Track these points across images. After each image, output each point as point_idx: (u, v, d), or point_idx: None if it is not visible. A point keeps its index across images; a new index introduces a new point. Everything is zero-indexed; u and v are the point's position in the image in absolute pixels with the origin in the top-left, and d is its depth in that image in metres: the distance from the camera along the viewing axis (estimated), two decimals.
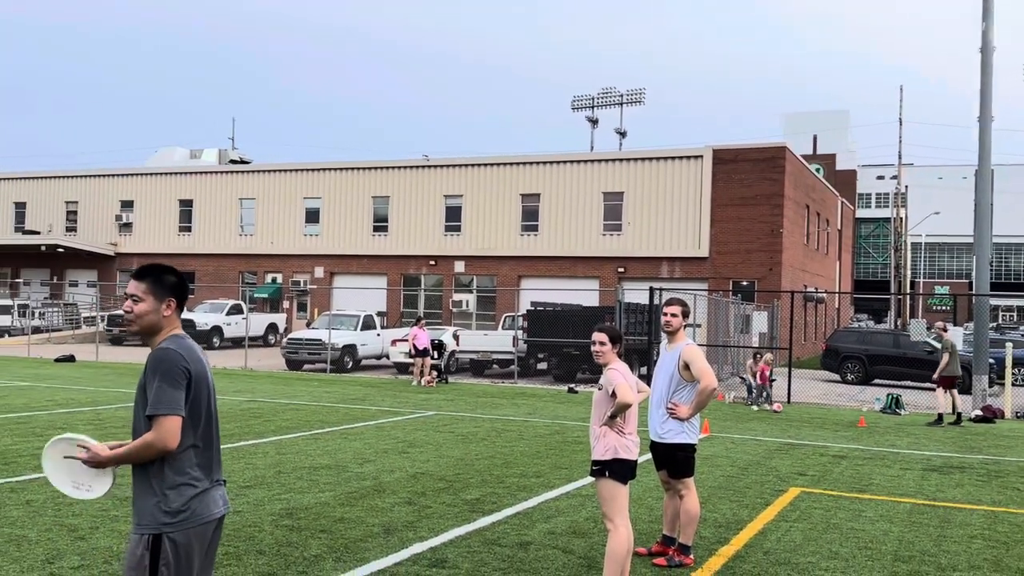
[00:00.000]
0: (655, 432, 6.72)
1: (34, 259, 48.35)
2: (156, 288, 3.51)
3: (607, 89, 58.24)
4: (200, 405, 3.45)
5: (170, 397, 3.33)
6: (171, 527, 3.33)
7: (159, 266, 3.59)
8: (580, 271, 37.88)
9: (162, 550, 3.32)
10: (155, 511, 3.34)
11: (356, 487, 9.09)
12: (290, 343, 27.08)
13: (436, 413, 16.13)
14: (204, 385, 3.48)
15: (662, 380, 6.68)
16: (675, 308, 6.65)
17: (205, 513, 3.41)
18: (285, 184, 43.55)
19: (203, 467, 3.45)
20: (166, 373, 3.35)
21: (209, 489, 3.45)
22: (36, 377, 21.51)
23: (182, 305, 3.59)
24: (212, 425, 3.51)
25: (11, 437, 11.71)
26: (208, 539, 3.46)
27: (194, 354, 3.48)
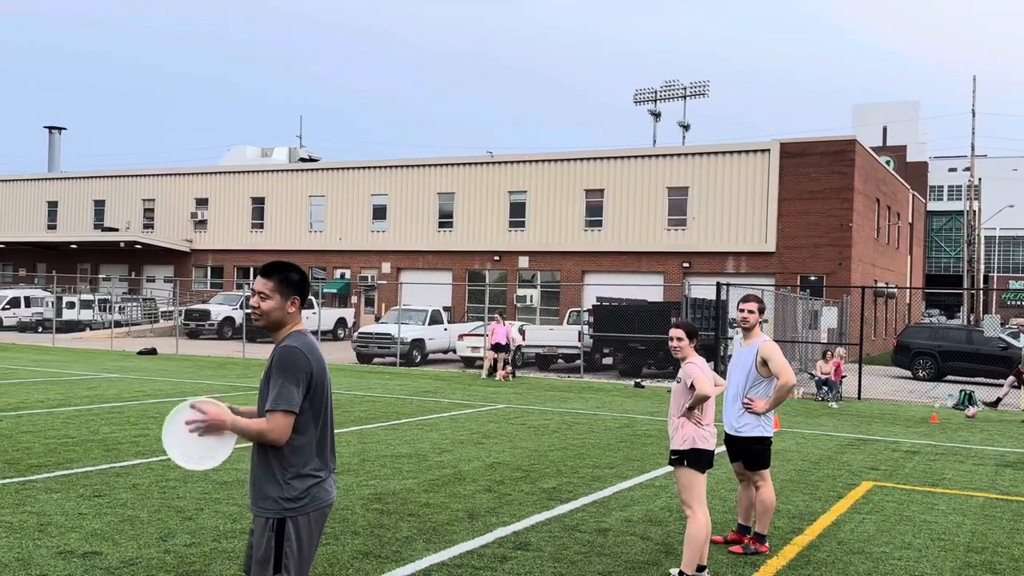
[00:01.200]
0: (731, 426, 6.90)
1: (113, 255, 50.15)
2: (282, 286, 3.74)
3: (670, 82, 57.89)
4: (321, 401, 3.68)
5: (289, 395, 3.55)
6: (294, 512, 3.60)
7: (285, 264, 3.81)
8: (644, 266, 37.93)
9: (286, 533, 3.59)
10: (278, 497, 3.60)
11: (437, 475, 9.49)
12: (361, 337, 27.77)
13: (507, 406, 16.51)
14: (324, 382, 3.70)
15: (739, 375, 6.85)
16: (751, 304, 6.83)
17: (324, 498, 3.68)
18: (353, 181, 44.44)
19: (321, 457, 3.70)
20: (289, 371, 3.58)
21: (327, 478, 3.71)
22: (122, 369, 22.48)
23: (304, 302, 3.84)
24: (329, 419, 3.75)
25: (109, 426, 12.40)
26: (324, 521, 3.75)
27: (316, 352, 3.70)
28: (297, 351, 3.65)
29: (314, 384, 3.66)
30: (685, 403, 5.94)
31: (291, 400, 3.57)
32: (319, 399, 3.69)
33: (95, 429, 12.00)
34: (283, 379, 3.58)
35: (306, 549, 3.66)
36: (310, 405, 3.65)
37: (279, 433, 3.57)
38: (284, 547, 3.60)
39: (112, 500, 7.89)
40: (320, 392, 3.69)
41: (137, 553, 6.31)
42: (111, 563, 6.06)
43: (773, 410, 6.96)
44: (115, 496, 8.05)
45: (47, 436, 11.26)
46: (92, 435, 11.47)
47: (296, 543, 3.63)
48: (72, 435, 11.41)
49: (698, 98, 57.47)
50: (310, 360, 3.65)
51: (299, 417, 3.62)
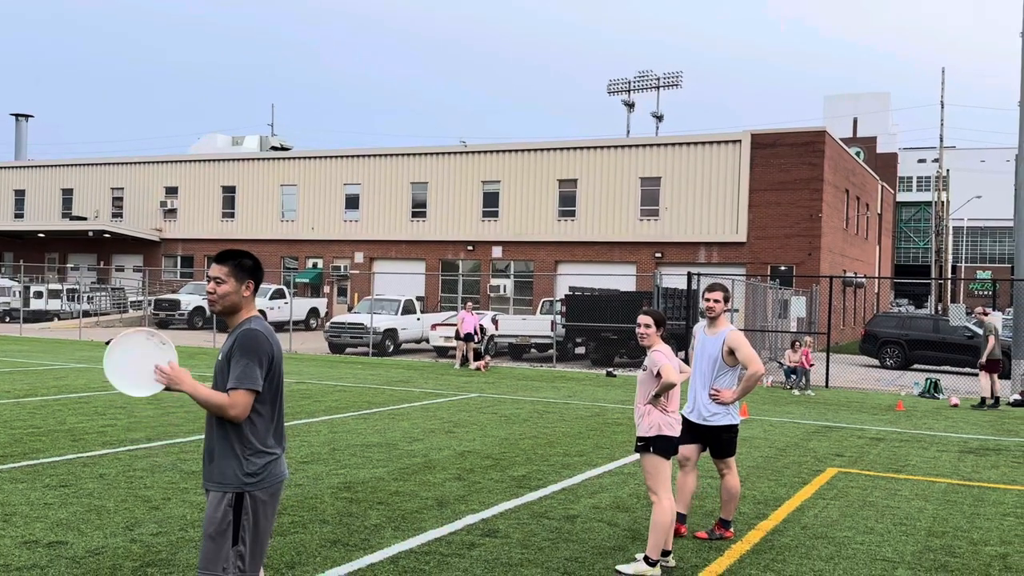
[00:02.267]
0: (699, 415, 6.84)
1: (82, 244, 49.55)
2: (237, 271, 3.91)
3: (644, 72, 58.02)
4: (277, 383, 3.89)
5: (253, 374, 3.73)
6: (252, 486, 3.78)
7: (238, 251, 3.98)
8: (617, 256, 38.08)
9: (244, 506, 3.77)
10: (237, 472, 3.77)
11: (408, 463, 9.51)
12: (333, 327, 27.67)
13: (478, 395, 16.54)
14: (280, 366, 3.92)
15: (705, 364, 6.82)
16: (717, 294, 6.81)
17: (279, 474, 3.88)
18: (325, 170, 44.18)
19: (276, 436, 3.90)
20: (252, 352, 3.76)
21: (280, 456, 3.91)
22: (91, 359, 22.25)
23: (258, 287, 4.00)
24: (282, 401, 3.96)
25: (76, 416, 12.29)
26: (278, 498, 3.92)
27: (274, 337, 3.91)
28: (260, 334, 3.82)
29: (273, 367, 3.85)
30: (652, 391, 6.00)
31: (254, 380, 3.75)
32: (276, 381, 3.88)
33: (62, 419, 11.89)
34: (247, 360, 3.74)
35: (262, 523, 3.83)
36: (268, 386, 3.84)
37: (240, 410, 3.73)
38: (242, 520, 3.77)
39: (78, 490, 7.83)
40: (277, 375, 3.89)
41: (103, 542, 6.28)
42: (76, 552, 6.03)
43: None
44: (81, 486, 7.99)
45: (13, 427, 11.14)
46: (59, 425, 11.37)
47: (253, 517, 3.79)
48: (39, 425, 11.30)
49: (672, 89, 57.65)
50: (271, 343, 3.85)
51: (259, 397, 3.81)
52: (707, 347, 6.85)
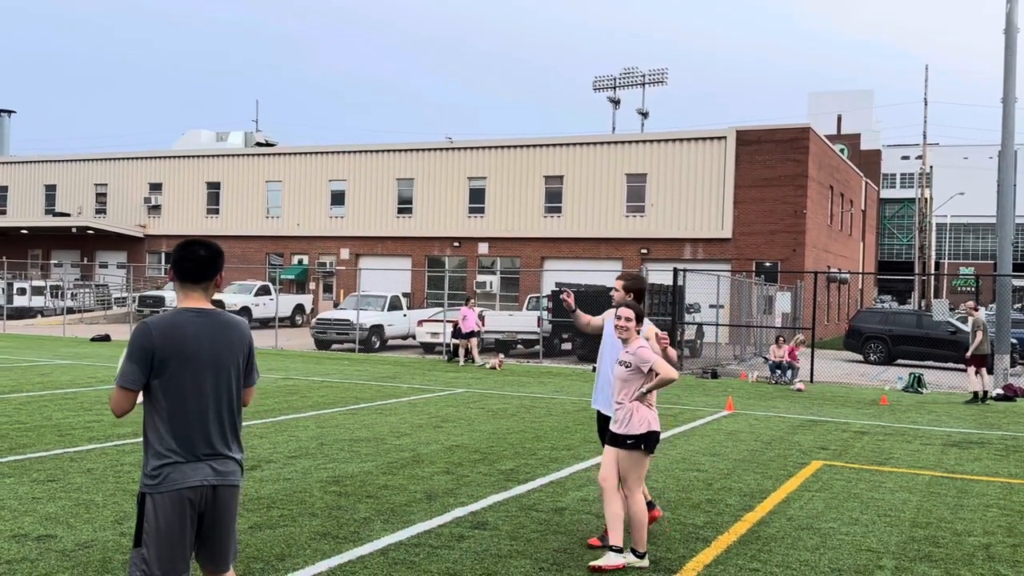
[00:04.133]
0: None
1: (65, 241, 49.22)
2: (172, 260, 3.73)
3: (629, 69, 58.07)
4: (175, 381, 3.56)
5: (123, 370, 3.54)
6: (151, 488, 3.55)
7: (186, 241, 3.74)
8: (603, 252, 38.17)
9: (145, 507, 3.56)
10: (143, 471, 3.60)
11: (396, 458, 9.53)
12: (319, 323, 27.62)
13: (466, 391, 16.57)
14: (182, 362, 3.56)
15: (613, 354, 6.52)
16: (618, 283, 6.66)
17: (176, 479, 3.54)
18: (310, 166, 44.05)
19: (181, 439, 3.57)
20: (128, 346, 3.57)
21: (186, 463, 3.56)
22: (76, 356, 22.14)
23: (187, 277, 3.67)
24: (197, 402, 3.59)
25: (63, 412, 12.24)
26: (191, 508, 3.57)
27: (176, 330, 3.56)
28: (143, 326, 3.59)
29: (163, 362, 3.56)
30: (641, 386, 5.98)
31: (125, 376, 3.55)
32: (175, 378, 3.58)
33: (48, 415, 11.85)
34: (124, 355, 3.58)
35: (164, 529, 3.54)
36: (162, 384, 3.57)
37: (113, 405, 3.58)
38: (143, 523, 3.57)
39: (66, 484, 7.82)
40: (176, 371, 3.57)
41: (92, 536, 6.28)
42: (66, 546, 6.02)
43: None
44: (69, 481, 7.98)
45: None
46: (45, 421, 11.33)
47: (154, 521, 3.54)
48: (24, 421, 11.25)
49: (657, 86, 57.76)
50: (154, 336, 3.55)
51: (151, 395, 3.59)
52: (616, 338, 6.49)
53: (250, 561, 5.84)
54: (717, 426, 12.72)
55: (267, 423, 11.69)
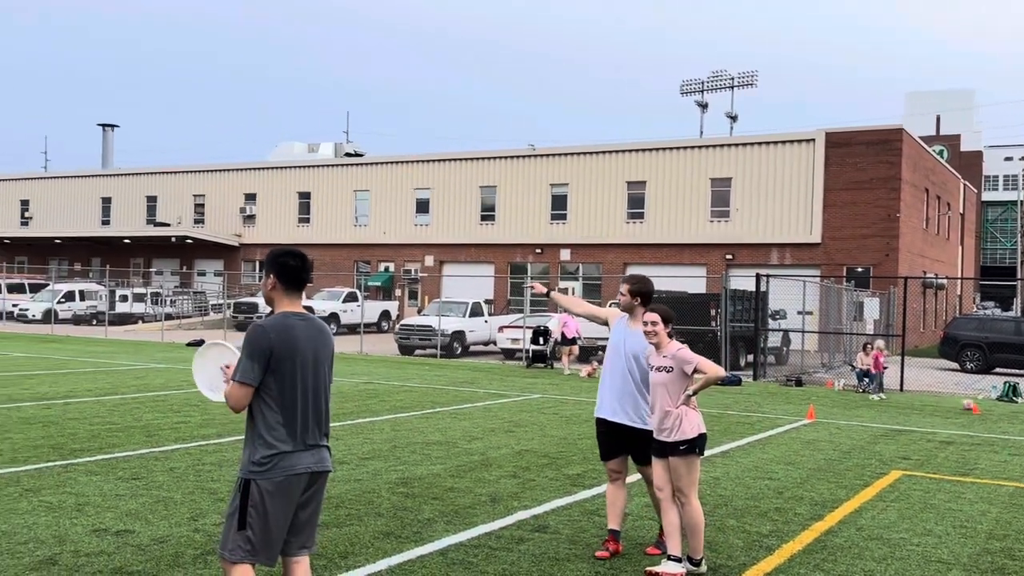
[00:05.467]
0: (629, 416, 6.27)
1: (165, 250, 51.30)
2: (267, 266, 4.10)
3: (717, 72, 57.31)
4: (286, 378, 3.92)
5: (244, 367, 3.87)
6: (257, 475, 3.88)
7: (279, 249, 4.12)
8: (687, 258, 37.74)
9: (250, 493, 3.88)
10: (248, 459, 3.93)
11: (465, 461, 9.65)
12: (402, 329, 28.10)
13: (541, 396, 16.64)
14: (292, 362, 3.92)
15: (625, 359, 6.31)
16: (624, 286, 6.40)
17: (287, 467, 3.90)
18: (396, 175, 44.87)
19: (289, 429, 3.92)
20: (246, 346, 3.91)
21: (293, 452, 3.92)
22: (170, 360, 23.06)
23: (285, 283, 4.01)
24: (302, 397, 3.95)
25: (152, 413, 12.79)
26: (295, 491, 3.93)
27: (287, 332, 3.92)
28: (259, 328, 3.92)
29: (276, 361, 3.90)
30: (687, 389, 5.90)
31: (247, 372, 3.87)
32: (286, 376, 3.92)
33: (139, 416, 12.39)
34: (243, 354, 3.91)
35: (271, 512, 3.88)
36: (274, 380, 3.91)
37: (234, 401, 3.90)
38: (248, 507, 3.88)
39: (149, 482, 8.18)
40: (287, 369, 3.92)
41: (168, 532, 6.56)
42: (142, 540, 6.32)
43: None
44: (152, 479, 8.34)
45: (92, 423, 11.66)
46: (135, 422, 11.85)
47: (261, 505, 3.88)
48: (116, 422, 11.80)
49: (746, 88, 56.80)
50: (271, 337, 3.89)
51: (265, 390, 3.91)
52: (628, 341, 6.32)
53: (314, 558, 6.01)
54: (795, 435, 12.46)
55: (345, 425, 11.98)
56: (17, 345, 26.73)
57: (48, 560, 5.77)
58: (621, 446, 6.34)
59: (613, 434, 6.35)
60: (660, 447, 5.98)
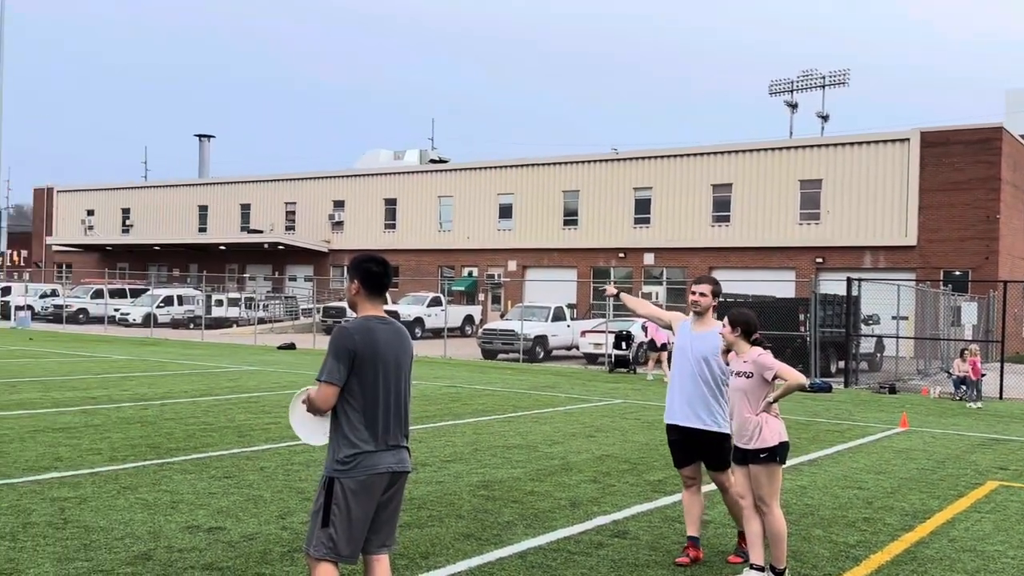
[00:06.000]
0: (702, 419, 6.18)
1: (258, 256, 52.87)
2: (351, 271, 4.25)
3: (807, 71, 56.05)
4: (369, 380, 4.04)
5: (330, 368, 3.99)
6: (341, 473, 4.00)
7: (364, 255, 4.28)
8: (775, 262, 37.00)
9: (334, 492, 4.01)
10: (331, 459, 4.06)
11: (545, 465, 9.68)
12: (485, 333, 28.32)
13: (623, 401, 16.55)
14: (375, 364, 4.04)
15: (693, 364, 6.22)
16: (705, 287, 6.30)
17: (369, 466, 4.01)
18: (480, 181, 45.27)
19: (371, 430, 4.05)
20: (332, 347, 4.03)
21: (376, 451, 4.04)
22: (262, 363, 23.75)
23: (370, 288, 4.17)
24: (384, 399, 4.08)
25: (245, 414, 13.20)
26: (377, 490, 4.05)
27: (370, 335, 4.05)
28: (344, 330, 4.06)
29: (360, 363, 4.03)
30: (767, 396, 5.79)
31: (332, 373, 4.00)
32: (368, 378, 4.05)
33: (232, 417, 12.80)
34: (329, 355, 4.03)
35: (354, 511, 4.02)
36: (357, 381, 4.05)
37: (321, 401, 4.03)
38: (332, 505, 4.00)
39: (240, 481, 8.45)
40: (370, 372, 4.04)
41: (257, 529, 6.78)
42: (232, 537, 6.54)
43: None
44: (243, 478, 8.62)
45: (187, 423, 12.10)
46: (229, 422, 12.25)
47: (344, 503, 4.00)
48: (210, 422, 12.22)
49: (838, 87, 55.36)
50: (356, 340, 4.03)
51: (348, 390, 4.04)
52: (695, 344, 6.23)
53: (396, 558, 6.12)
54: (887, 443, 12.09)
55: (427, 428, 12.15)
56: (118, 348, 27.93)
57: (143, 555, 6.03)
58: (694, 452, 6.29)
59: (685, 440, 6.29)
60: (740, 454, 5.89)
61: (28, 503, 7.30)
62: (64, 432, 10.93)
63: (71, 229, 61.82)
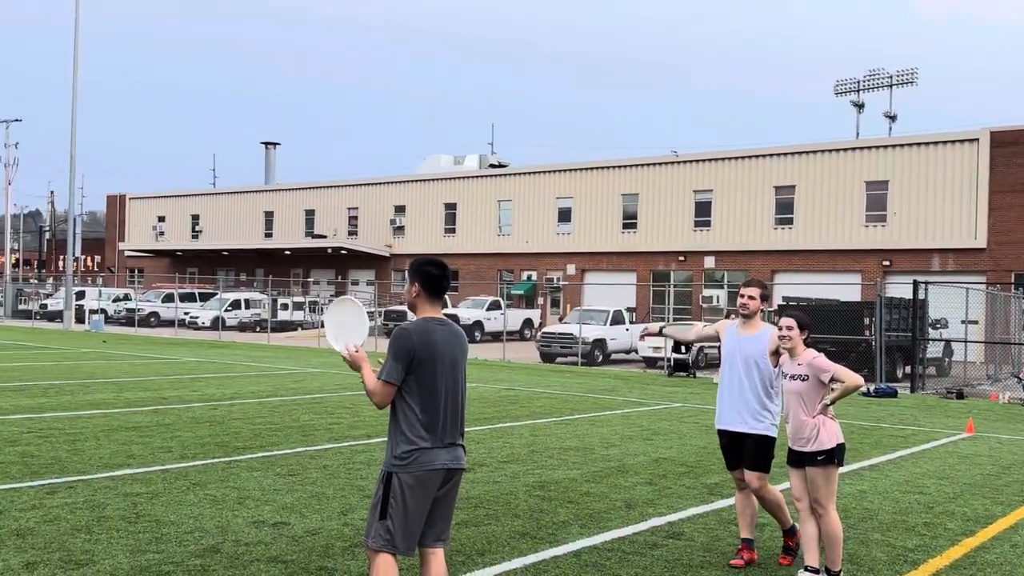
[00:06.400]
0: (747, 423, 6.24)
1: (322, 260, 53.81)
2: (411, 274, 4.39)
3: (874, 71, 54.97)
4: (427, 380, 4.19)
5: (389, 367, 4.16)
6: (399, 468, 4.16)
7: (423, 258, 4.45)
8: (840, 265, 36.37)
9: (392, 486, 4.17)
10: (390, 453, 4.23)
11: (601, 467, 9.75)
12: (544, 337, 28.43)
13: (682, 405, 16.50)
14: (433, 362, 4.19)
15: (741, 365, 6.25)
16: (753, 290, 6.30)
17: (426, 462, 4.17)
18: (539, 185, 45.40)
19: (429, 428, 4.19)
20: (391, 347, 4.19)
21: (432, 448, 4.18)
22: (326, 365, 24.22)
23: (429, 291, 4.33)
24: (441, 398, 4.22)
25: (308, 415, 13.53)
26: (433, 486, 4.20)
27: (427, 336, 4.19)
28: (404, 331, 4.21)
29: (418, 363, 4.18)
30: (824, 398, 5.79)
31: (391, 372, 4.17)
32: (426, 377, 4.19)
33: (296, 417, 13.14)
34: (388, 354, 4.21)
35: (410, 504, 4.17)
36: (415, 380, 4.19)
37: (379, 398, 4.20)
38: (390, 498, 4.16)
39: (304, 479, 8.71)
40: (428, 371, 4.19)
41: (320, 525, 7.00)
42: (296, 532, 6.77)
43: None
44: (307, 475, 8.87)
45: (254, 423, 12.46)
46: (293, 422, 12.58)
47: (401, 497, 4.15)
48: (276, 422, 12.57)
49: (906, 87, 54.17)
50: (414, 340, 4.18)
51: (406, 388, 4.19)
52: (743, 347, 6.24)
53: (453, 554, 6.28)
54: (952, 449, 11.87)
55: (486, 429, 12.31)
56: (188, 350, 28.75)
57: (211, 548, 6.28)
58: (742, 454, 6.35)
59: (734, 443, 6.38)
60: (796, 457, 5.91)
61: (103, 498, 7.65)
62: (136, 431, 11.36)
63: (143, 235, 63.71)
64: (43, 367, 20.51)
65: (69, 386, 16.56)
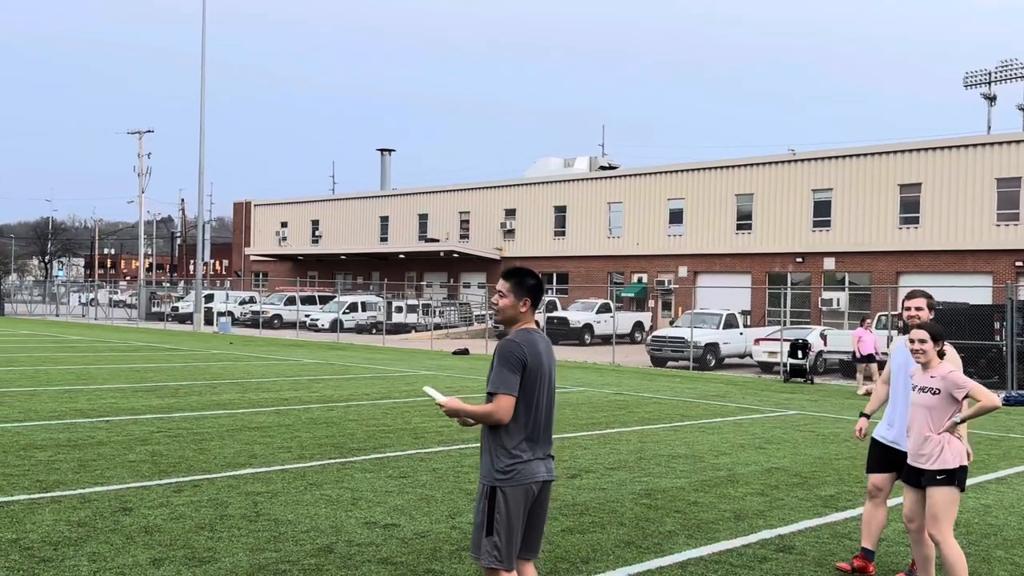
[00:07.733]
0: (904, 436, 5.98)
1: (434, 264, 54.80)
2: (517, 288, 4.38)
3: (1007, 61, 52.20)
4: (533, 391, 4.20)
5: (508, 380, 4.14)
6: (502, 482, 4.18)
7: (522, 269, 4.47)
8: (969, 266, 34.64)
9: (496, 501, 4.18)
10: (491, 468, 4.21)
11: (711, 476, 9.61)
12: (654, 341, 28.13)
13: (798, 412, 16.06)
14: (538, 375, 4.21)
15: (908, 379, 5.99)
16: (919, 301, 6.03)
17: (528, 475, 4.20)
18: (649, 187, 44.97)
19: (530, 441, 4.22)
20: (506, 360, 4.17)
21: (532, 460, 4.22)
22: (438, 367, 24.67)
23: (536, 304, 4.40)
24: (540, 410, 4.24)
25: (420, 417, 13.82)
26: (531, 497, 4.23)
27: (534, 347, 4.22)
28: (514, 343, 4.23)
29: (527, 375, 4.19)
30: (954, 416, 5.51)
31: (510, 384, 4.16)
32: (531, 389, 4.20)
33: (408, 419, 13.44)
34: (502, 367, 4.18)
35: (513, 517, 4.20)
36: (522, 393, 4.19)
37: (502, 413, 4.17)
38: (495, 513, 4.18)
39: (414, 481, 8.92)
40: (533, 383, 4.20)
41: (428, 527, 7.16)
42: (406, 534, 6.94)
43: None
44: (417, 478, 9.08)
45: (368, 424, 12.82)
46: (405, 424, 12.88)
47: (505, 510, 4.17)
48: (389, 424, 12.89)
49: None
50: (525, 352, 4.19)
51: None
52: (912, 361, 5.95)
53: (557, 561, 6.32)
54: None
55: (593, 435, 12.30)
56: (308, 352, 29.77)
57: (325, 548, 6.52)
58: (892, 466, 6.11)
59: (889, 453, 6.13)
60: (914, 474, 5.66)
61: (225, 497, 8.03)
62: (259, 431, 11.86)
63: (267, 240, 66.32)
64: (173, 368, 21.64)
65: (197, 387, 17.43)
